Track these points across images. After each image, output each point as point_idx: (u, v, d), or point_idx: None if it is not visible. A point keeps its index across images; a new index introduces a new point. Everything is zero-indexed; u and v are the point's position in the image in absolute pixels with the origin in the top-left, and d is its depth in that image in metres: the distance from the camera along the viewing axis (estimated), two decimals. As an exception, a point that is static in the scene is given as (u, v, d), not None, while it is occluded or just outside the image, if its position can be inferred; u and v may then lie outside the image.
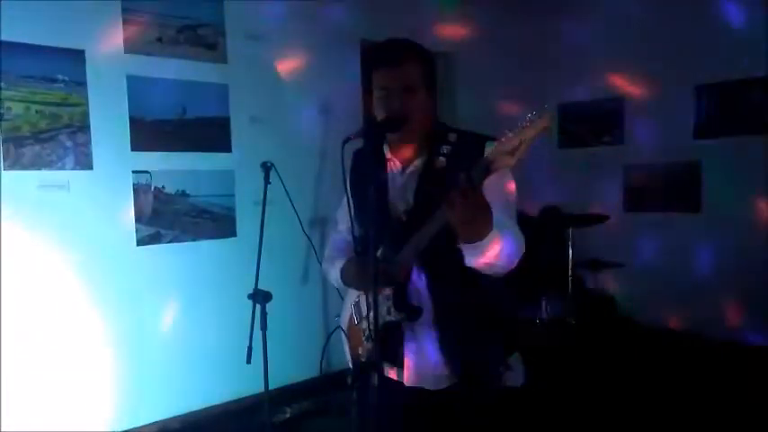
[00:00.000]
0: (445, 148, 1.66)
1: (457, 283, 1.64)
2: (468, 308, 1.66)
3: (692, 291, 4.63)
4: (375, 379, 1.53)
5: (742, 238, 4.42)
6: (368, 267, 1.66)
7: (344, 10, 4.23)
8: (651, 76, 4.79)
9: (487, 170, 1.37)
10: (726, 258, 4.50)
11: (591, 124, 5.21)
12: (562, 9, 5.17)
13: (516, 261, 1.56)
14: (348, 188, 1.76)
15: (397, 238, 1.64)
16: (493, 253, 1.47)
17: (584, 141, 5.25)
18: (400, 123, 1.62)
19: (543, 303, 4.47)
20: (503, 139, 1.35)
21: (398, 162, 1.75)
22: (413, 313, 1.65)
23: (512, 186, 1.64)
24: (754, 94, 4.33)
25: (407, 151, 1.73)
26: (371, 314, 1.71)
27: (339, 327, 1.96)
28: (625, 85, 4.96)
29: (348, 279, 1.81)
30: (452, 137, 1.69)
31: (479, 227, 1.41)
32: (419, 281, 1.67)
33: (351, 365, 1.88)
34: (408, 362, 1.70)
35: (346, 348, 1.91)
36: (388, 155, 1.76)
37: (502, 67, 5.16)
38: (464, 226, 1.40)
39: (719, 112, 4.52)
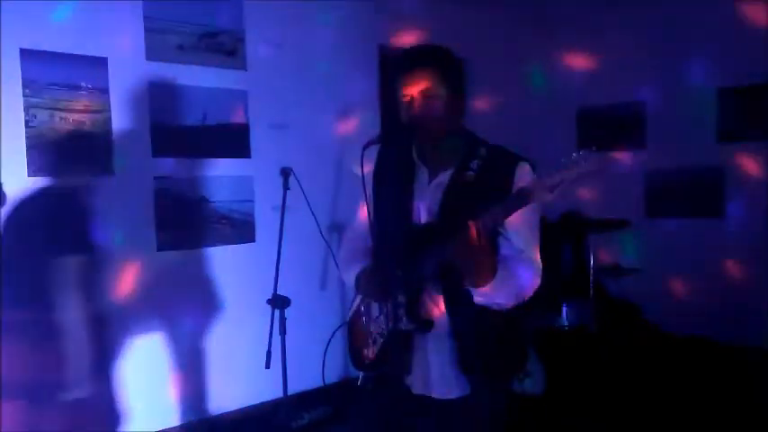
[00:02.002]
0: (475, 163, 1.65)
1: (471, 296, 1.62)
2: (481, 321, 1.64)
3: (715, 297, 4.56)
4: (396, 386, 1.53)
5: (766, 242, 4.34)
6: (383, 278, 1.65)
7: (363, 16, 4.24)
8: (673, 79, 4.73)
9: (524, 202, 1.41)
10: (750, 263, 4.43)
11: (612, 128, 5.15)
12: (581, 13, 5.13)
13: (528, 295, 1.61)
14: (368, 193, 1.74)
15: (417, 247, 1.62)
16: (495, 297, 1.54)
17: (605, 146, 5.20)
18: (418, 129, 1.61)
19: (564, 310, 4.42)
20: (545, 175, 1.39)
21: (426, 170, 1.73)
22: (424, 325, 1.64)
23: (538, 213, 1.65)
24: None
25: (435, 159, 1.71)
26: (381, 318, 1.71)
27: (345, 323, 1.96)
28: (647, 88, 4.91)
29: (361, 288, 1.80)
30: (482, 151, 1.67)
31: (481, 275, 1.48)
32: (435, 292, 1.66)
33: (352, 362, 1.88)
34: (416, 370, 1.69)
35: (347, 344, 1.91)
36: (417, 161, 1.74)
37: (518, 72, 5.14)
38: (466, 272, 1.49)
39: (743, 115, 4.45)
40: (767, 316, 4.33)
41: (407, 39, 4.36)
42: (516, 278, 1.55)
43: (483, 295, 1.53)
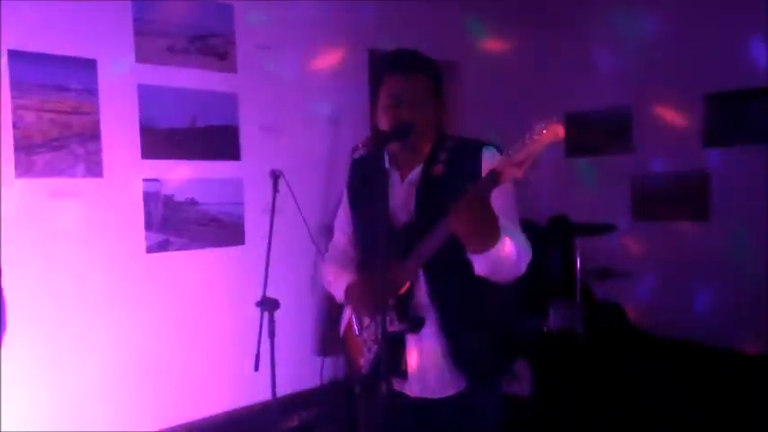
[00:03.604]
0: (442, 155, 1.66)
1: (460, 292, 1.64)
2: (472, 317, 1.66)
3: (700, 300, 4.61)
4: (383, 389, 1.54)
5: (751, 246, 4.39)
6: (373, 290, 1.65)
7: (353, 20, 4.25)
8: (659, 85, 4.78)
9: (495, 182, 1.37)
10: (735, 267, 4.48)
11: (599, 133, 5.20)
12: (572, 18, 5.17)
13: (525, 267, 1.57)
14: (348, 199, 1.75)
15: (399, 249, 1.63)
16: (501, 262, 1.48)
17: (592, 150, 5.24)
18: (408, 133, 1.61)
19: (551, 313, 4.45)
20: (510, 151, 1.35)
21: (397, 172, 1.74)
22: (415, 324, 1.65)
23: (513, 194, 1.65)
24: (762, 103, 4.32)
25: (407, 161, 1.73)
26: (372, 324, 1.72)
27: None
28: (633, 93, 4.95)
29: (352, 301, 1.79)
30: (449, 143, 1.69)
31: (486, 237, 1.41)
32: (422, 291, 1.67)
33: (350, 373, 1.88)
34: (412, 372, 1.70)
35: (344, 357, 1.91)
36: (387, 164, 1.75)
37: (509, 76, 5.17)
38: (471, 237, 1.41)
39: (728, 120, 4.51)
40: (752, 319, 4.38)
41: (398, 42, 4.38)
42: (514, 249, 1.50)
43: (485, 263, 1.47)
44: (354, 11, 4.25)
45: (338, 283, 1.84)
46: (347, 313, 1.88)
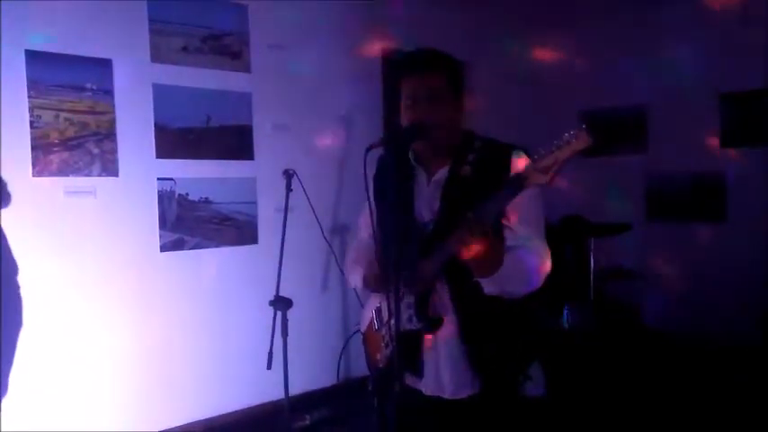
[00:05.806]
0: (470, 157, 1.66)
1: (479, 293, 1.63)
2: (491, 319, 1.65)
3: (715, 301, 4.56)
4: (396, 387, 1.53)
5: (767, 247, 4.34)
6: (390, 270, 1.66)
7: (366, 19, 4.26)
8: (675, 84, 4.74)
9: (521, 187, 1.39)
10: (751, 268, 4.43)
11: (614, 133, 5.16)
12: (583, 16, 5.14)
13: (540, 281, 1.59)
14: (371, 195, 1.76)
15: (422, 248, 1.63)
16: (509, 282, 1.52)
17: (607, 150, 5.20)
18: (425, 131, 1.61)
19: (565, 313, 4.43)
20: (537, 157, 1.36)
21: (424, 170, 1.74)
22: (433, 324, 1.64)
23: (540, 200, 1.64)
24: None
25: (433, 160, 1.72)
26: (392, 321, 1.72)
27: (358, 330, 1.96)
28: (649, 92, 4.91)
29: (370, 280, 1.80)
30: (477, 144, 1.68)
31: (488, 263, 1.47)
32: (442, 291, 1.66)
33: (369, 370, 1.88)
34: (427, 371, 1.69)
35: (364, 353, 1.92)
36: (414, 163, 1.76)
37: (520, 76, 5.15)
38: (473, 262, 1.46)
39: (745, 120, 4.46)
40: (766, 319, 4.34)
41: (409, 42, 4.37)
42: (524, 265, 1.54)
43: (492, 284, 1.52)
44: (368, 11, 4.25)
45: (357, 270, 1.85)
46: (368, 310, 1.88)
